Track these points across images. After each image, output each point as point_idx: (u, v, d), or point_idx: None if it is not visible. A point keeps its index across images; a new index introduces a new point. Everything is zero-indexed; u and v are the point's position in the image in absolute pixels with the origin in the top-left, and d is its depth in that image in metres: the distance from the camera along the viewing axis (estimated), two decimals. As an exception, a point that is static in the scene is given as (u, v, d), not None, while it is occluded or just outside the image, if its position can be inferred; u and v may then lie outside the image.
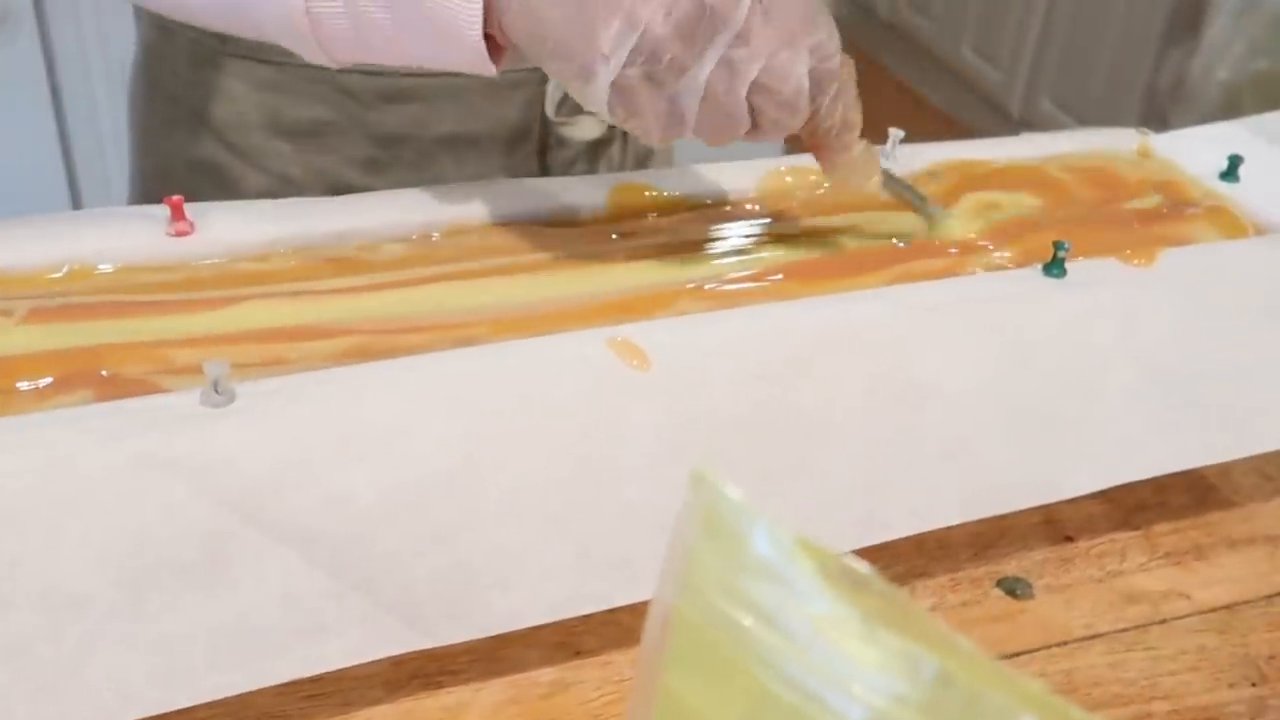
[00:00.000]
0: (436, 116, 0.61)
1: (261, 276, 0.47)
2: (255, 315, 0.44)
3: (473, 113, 0.62)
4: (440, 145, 0.62)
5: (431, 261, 0.48)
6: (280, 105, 0.60)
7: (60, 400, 0.40)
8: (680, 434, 0.44)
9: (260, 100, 0.60)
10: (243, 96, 0.60)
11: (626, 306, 0.47)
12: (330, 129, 0.61)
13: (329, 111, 0.60)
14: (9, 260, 0.46)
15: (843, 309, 0.47)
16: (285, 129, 0.61)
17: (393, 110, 0.60)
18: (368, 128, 0.61)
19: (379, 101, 0.60)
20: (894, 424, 0.47)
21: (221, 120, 0.61)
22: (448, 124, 0.61)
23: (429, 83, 0.60)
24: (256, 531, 0.38)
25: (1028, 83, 2.39)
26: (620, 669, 0.45)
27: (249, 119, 0.61)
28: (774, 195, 0.57)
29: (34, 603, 0.36)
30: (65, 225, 0.48)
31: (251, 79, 0.60)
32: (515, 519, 0.41)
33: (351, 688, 0.43)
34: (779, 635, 0.25)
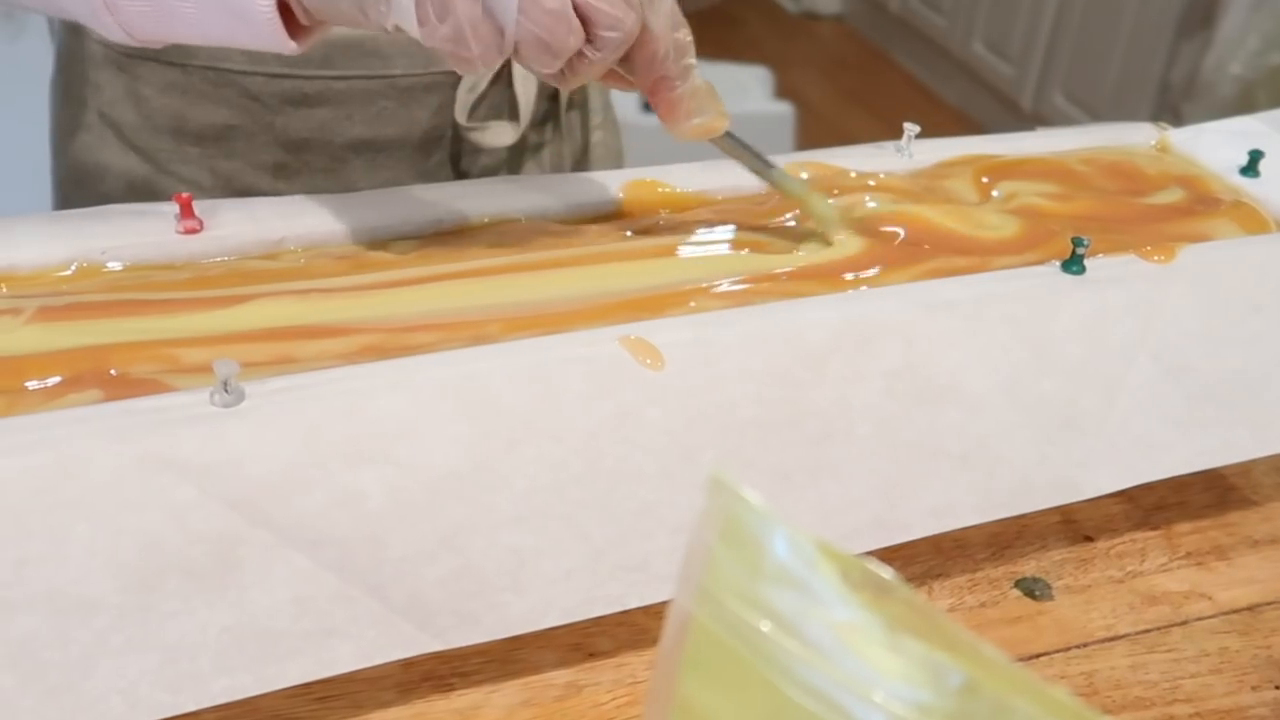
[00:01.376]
0: (346, 121, 0.60)
1: (271, 275, 0.47)
2: (264, 314, 0.44)
3: (383, 117, 0.61)
4: (351, 151, 0.61)
5: (442, 259, 0.48)
6: (185, 109, 0.59)
7: (69, 399, 0.40)
8: (694, 433, 0.43)
9: (166, 104, 0.59)
10: (149, 100, 0.59)
11: (640, 305, 0.46)
12: (236, 134, 0.60)
13: (235, 116, 0.60)
14: (16, 258, 0.46)
15: (859, 307, 0.46)
16: (192, 134, 0.60)
17: (300, 115, 0.60)
18: (275, 132, 0.60)
19: (285, 106, 0.59)
20: (911, 423, 0.46)
21: (130, 125, 0.61)
22: (357, 129, 0.60)
23: (337, 86, 0.59)
24: (266, 533, 0.38)
25: (1040, 77, 2.38)
26: (634, 671, 0.44)
27: (156, 123, 0.60)
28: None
29: (41, 605, 0.36)
30: (73, 223, 0.47)
31: (157, 82, 0.59)
32: (528, 520, 0.41)
33: (362, 690, 0.43)
34: (799, 642, 0.24)
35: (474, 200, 0.52)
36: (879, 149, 0.59)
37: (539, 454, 0.41)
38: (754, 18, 3.08)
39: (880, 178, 0.57)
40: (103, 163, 0.62)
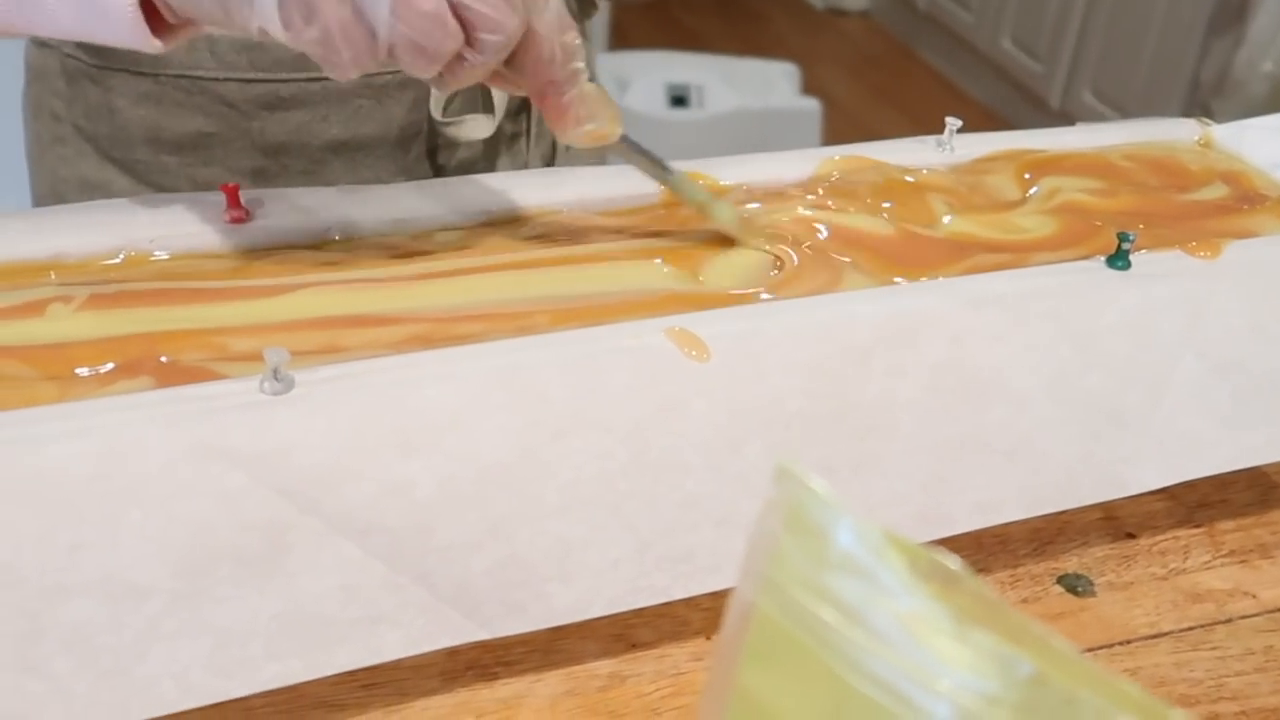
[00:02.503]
0: (322, 123, 0.59)
1: (317, 264, 0.47)
2: (312, 303, 0.44)
3: (359, 117, 0.60)
4: (329, 152, 0.61)
5: (488, 250, 0.48)
6: (160, 119, 0.59)
7: (120, 386, 0.40)
8: (739, 426, 0.43)
9: (140, 115, 0.59)
10: (122, 111, 0.59)
11: (688, 298, 0.46)
12: (214, 141, 0.59)
13: (211, 123, 0.59)
14: (66, 246, 0.46)
15: (904, 301, 0.46)
16: (168, 143, 0.59)
17: (276, 119, 0.59)
18: (252, 137, 0.59)
19: (260, 110, 0.58)
20: (956, 417, 0.46)
21: (105, 137, 0.60)
22: (334, 130, 0.60)
23: (311, 88, 0.58)
24: (315, 521, 0.38)
25: (1068, 75, 2.37)
26: (677, 662, 0.45)
27: (131, 134, 0.59)
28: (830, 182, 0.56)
29: (95, 590, 0.36)
30: (122, 211, 0.48)
31: (130, 93, 0.58)
32: (574, 510, 0.41)
33: (407, 678, 0.43)
34: (864, 632, 0.24)
35: (518, 191, 0.52)
36: (920, 143, 0.59)
37: (585, 444, 0.41)
38: (780, 14, 3.08)
39: (921, 172, 0.57)
40: (80, 175, 0.61)
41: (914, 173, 0.57)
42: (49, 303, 0.43)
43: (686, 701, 0.43)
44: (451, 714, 0.42)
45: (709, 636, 0.46)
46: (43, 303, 0.43)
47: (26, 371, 0.41)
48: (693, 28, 2.91)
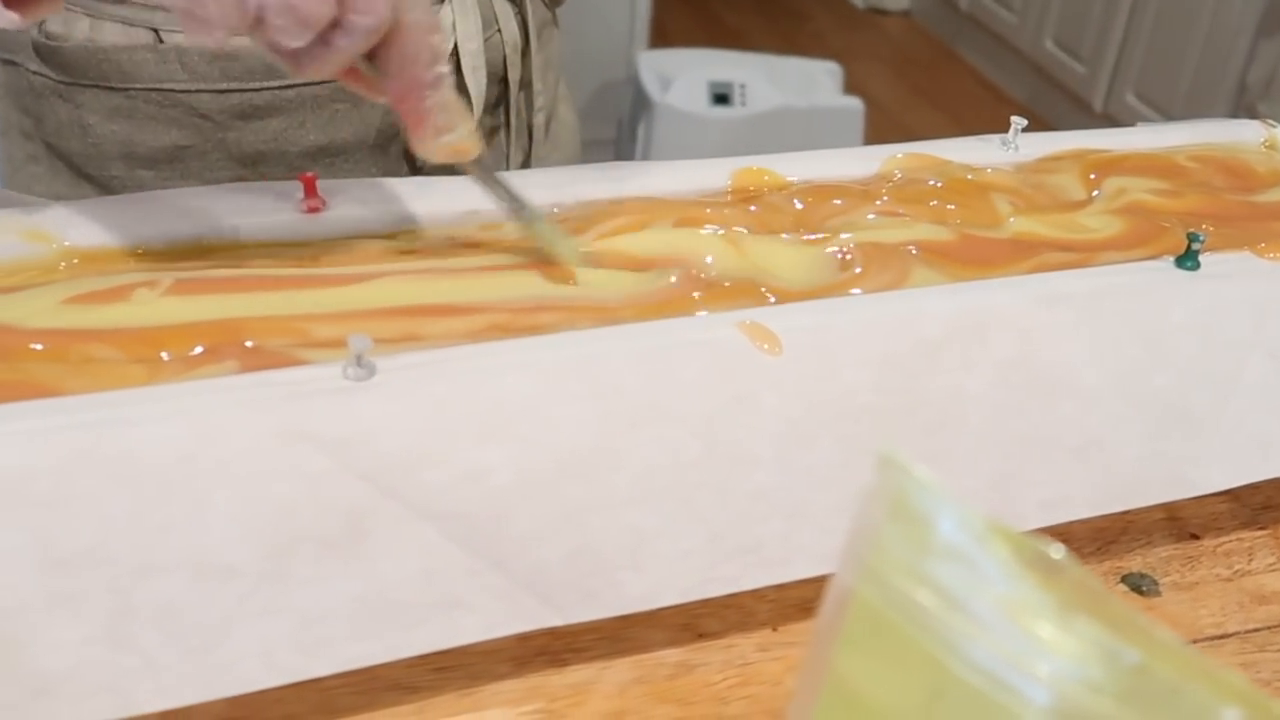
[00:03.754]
0: (299, 129, 0.59)
1: (393, 253, 0.48)
2: (391, 292, 0.45)
3: (336, 122, 0.59)
4: (308, 158, 0.60)
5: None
6: (133, 133, 0.58)
7: (206, 370, 0.41)
8: (809, 420, 0.43)
9: (113, 130, 0.58)
10: (94, 128, 0.58)
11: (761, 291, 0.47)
12: (189, 153, 0.58)
13: (185, 135, 0.58)
14: (150, 233, 0.47)
15: (974, 297, 0.46)
16: (143, 157, 0.58)
17: (251, 128, 0.58)
18: (228, 148, 0.59)
19: (234, 120, 0.58)
20: (1024, 414, 0.46)
21: (78, 154, 0.59)
22: (312, 135, 0.59)
23: (286, 95, 0.58)
24: (395, 505, 0.39)
25: (1112, 76, 2.35)
26: (743, 653, 0.45)
27: (105, 150, 0.58)
28: (893, 181, 0.57)
29: (183, 569, 0.37)
30: (201, 199, 0.48)
31: (100, 109, 0.57)
32: (647, 500, 0.41)
33: (478, 662, 0.43)
34: (964, 618, 0.24)
35: (584, 185, 0.53)
36: (984, 141, 0.59)
37: (658, 435, 0.41)
38: (820, 12, 3.07)
39: (985, 172, 0.57)
40: (56, 194, 0.60)
41: (978, 172, 0.57)
42: (135, 288, 0.44)
43: (754, 692, 0.44)
44: (523, 698, 0.43)
45: (775, 628, 0.46)
46: (129, 288, 0.44)
47: (115, 354, 0.42)
48: (733, 25, 2.91)
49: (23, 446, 0.36)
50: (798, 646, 0.45)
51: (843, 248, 0.50)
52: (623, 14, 2.09)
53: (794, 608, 0.47)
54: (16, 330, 0.42)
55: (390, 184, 0.51)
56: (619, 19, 2.09)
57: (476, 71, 0.60)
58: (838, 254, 0.50)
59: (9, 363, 0.41)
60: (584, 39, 2.05)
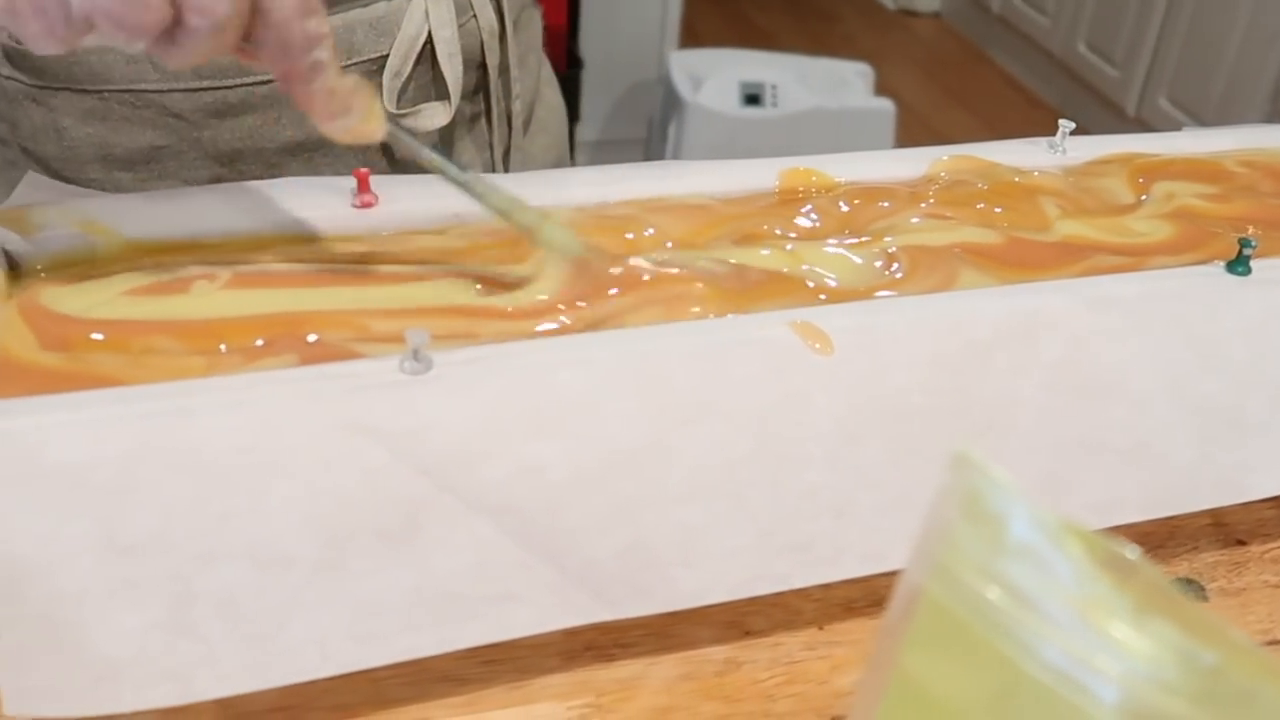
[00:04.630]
0: (275, 126, 0.58)
1: (444, 254, 0.48)
2: (447, 290, 0.45)
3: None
4: (285, 154, 0.59)
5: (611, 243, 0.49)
6: (108, 135, 0.57)
7: (266, 363, 0.41)
8: (860, 419, 0.43)
9: (88, 133, 0.57)
10: (69, 130, 0.57)
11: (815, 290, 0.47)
12: (165, 153, 0.58)
13: (160, 135, 0.57)
14: (206, 227, 0.47)
15: (1024, 300, 0.46)
16: (120, 159, 0.58)
17: (226, 125, 0.57)
18: (204, 147, 0.58)
19: (209, 119, 0.57)
20: (1074, 417, 0.46)
21: (54, 158, 0.58)
22: (288, 132, 0.58)
23: (260, 91, 0.57)
24: (450, 498, 0.39)
25: (1145, 81, 2.34)
26: (790, 651, 0.45)
27: (81, 153, 0.58)
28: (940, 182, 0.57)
29: (242, 557, 0.38)
30: (257, 194, 0.49)
31: (74, 111, 0.57)
32: (698, 497, 0.42)
33: (526, 656, 0.44)
34: (1037, 617, 0.24)
35: (632, 184, 0.53)
36: (1032, 144, 0.59)
37: (710, 433, 0.42)
38: (851, 13, 3.07)
39: (1032, 174, 0.57)
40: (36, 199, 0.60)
41: (1025, 174, 0.57)
42: (194, 280, 0.44)
43: (801, 690, 0.44)
44: (572, 692, 0.43)
45: (821, 627, 0.46)
46: (188, 280, 0.45)
47: (175, 346, 0.42)
48: (763, 26, 2.91)
49: (88, 436, 0.36)
50: (844, 646, 0.46)
51: (890, 249, 0.50)
52: (654, 14, 2.09)
53: (839, 607, 0.47)
54: (79, 321, 0.42)
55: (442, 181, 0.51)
56: (650, 19, 2.09)
57: (452, 58, 0.59)
58: (885, 256, 0.50)
59: (72, 353, 0.41)
60: (614, 38, 2.05)
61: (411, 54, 0.57)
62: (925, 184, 0.56)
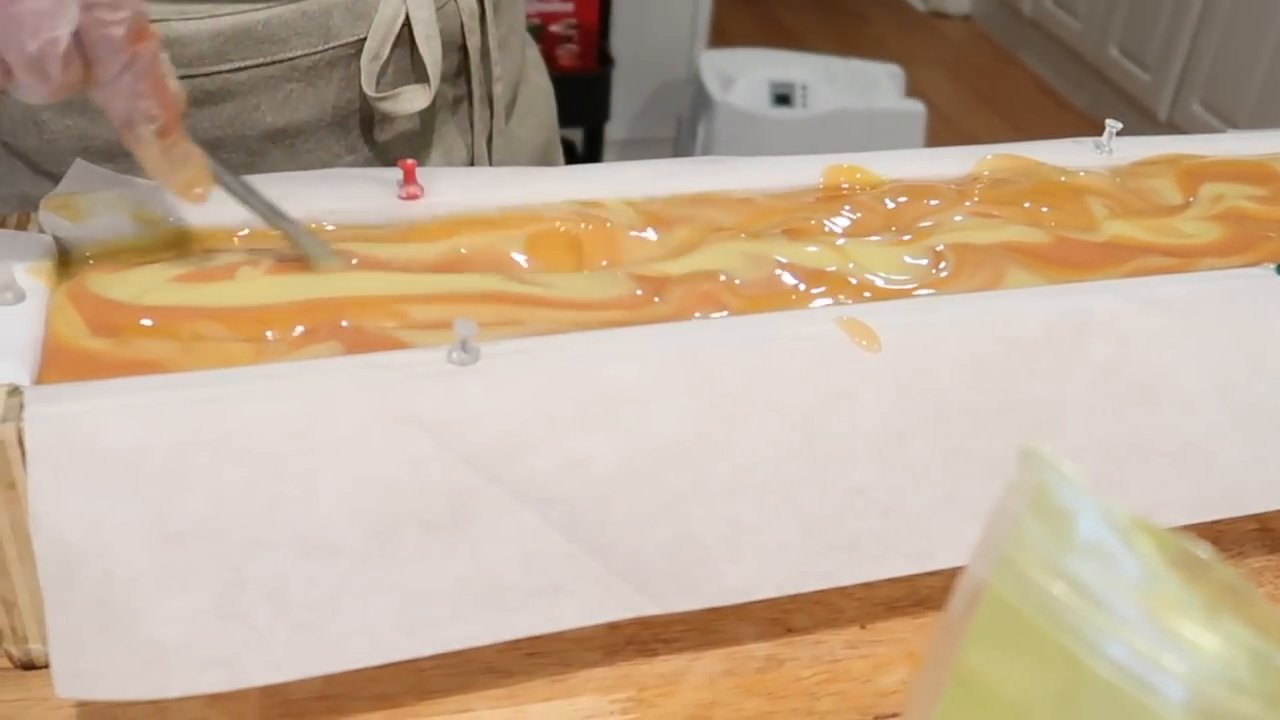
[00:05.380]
0: (254, 112, 0.57)
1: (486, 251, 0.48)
2: (490, 280, 0.45)
3: (291, 102, 0.58)
4: (267, 141, 0.59)
5: (660, 234, 0.49)
6: (88, 127, 0.56)
7: (311, 350, 0.42)
8: (907, 417, 0.43)
9: (67, 125, 0.56)
10: (49, 123, 0.56)
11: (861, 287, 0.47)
12: None
13: None
14: (252, 215, 0.47)
15: (1073, 300, 0.46)
16: (99, 151, 0.57)
17: (205, 113, 0.57)
18: None
19: (187, 107, 0.54)
20: (1122, 418, 0.46)
21: (34, 151, 0.58)
22: (269, 118, 0.58)
23: (237, 78, 0.56)
24: (498, 489, 0.39)
25: (1178, 85, 2.32)
26: (832, 649, 0.45)
27: (61, 146, 0.57)
28: (985, 181, 0.56)
29: (291, 545, 0.38)
30: (303, 184, 0.49)
31: (54, 104, 0.54)
32: (745, 492, 0.42)
33: (569, 649, 0.44)
34: (1104, 614, 0.24)
35: (677, 179, 0.53)
36: (1078, 144, 0.59)
37: (758, 428, 0.42)
38: (880, 14, 3.06)
39: (1078, 174, 0.57)
40: (20, 193, 0.59)
41: (1071, 174, 0.57)
42: (239, 266, 0.45)
43: (843, 688, 0.43)
44: (614, 685, 0.43)
45: (864, 625, 0.46)
46: (233, 266, 0.45)
47: (222, 332, 0.42)
48: (792, 26, 2.90)
49: (139, 422, 0.36)
50: (886, 645, 0.45)
51: (937, 248, 0.50)
52: (684, 13, 2.09)
53: (882, 606, 0.47)
54: (127, 307, 0.43)
55: (488, 173, 0.52)
56: (680, 18, 2.09)
57: (430, 40, 0.59)
58: (932, 254, 0.50)
59: (120, 338, 0.42)
60: (644, 37, 2.05)
61: (389, 37, 0.57)
62: (970, 182, 0.56)
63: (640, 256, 0.48)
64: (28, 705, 0.40)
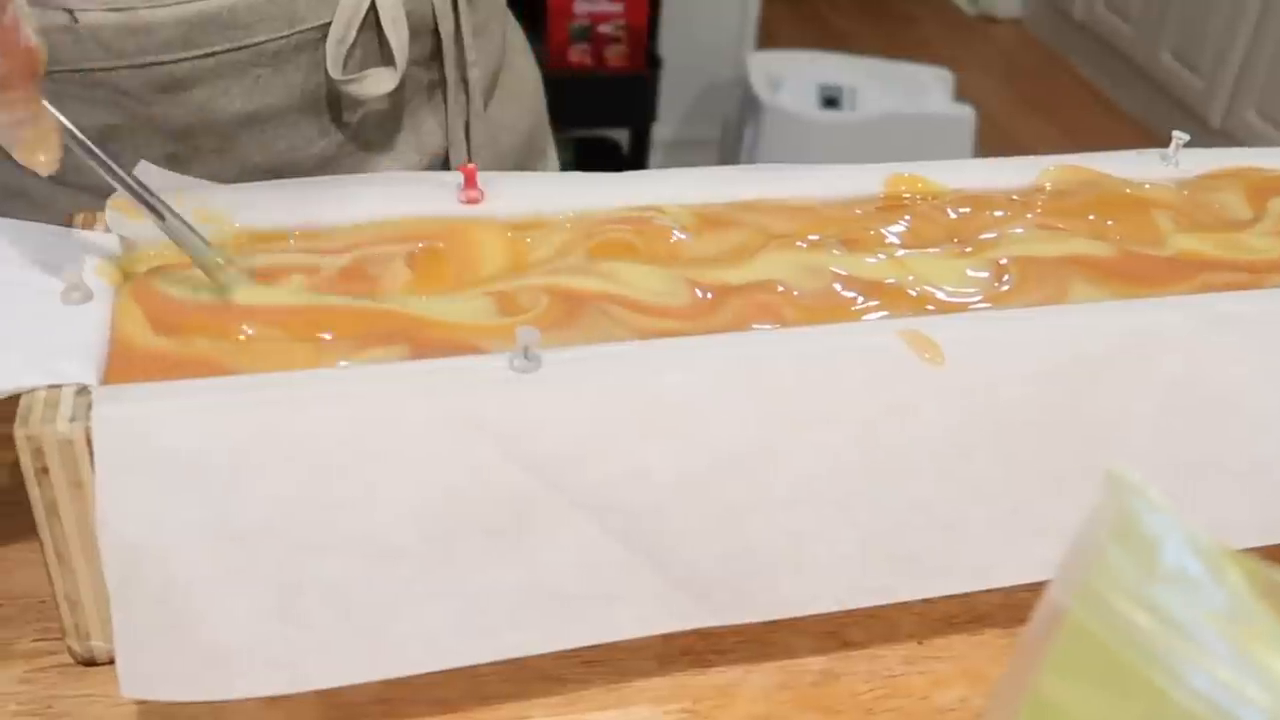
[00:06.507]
0: (223, 98, 0.57)
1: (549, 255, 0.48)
2: (557, 282, 0.45)
3: (260, 87, 0.57)
4: (238, 126, 0.58)
5: (719, 240, 0.49)
6: (64, 115, 0.53)
7: (375, 354, 0.42)
8: (969, 432, 0.43)
9: None
10: None
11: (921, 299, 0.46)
12: (119, 132, 0.57)
13: (112, 114, 0.56)
14: (314, 217, 0.48)
15: (1140, 316, 0.45)
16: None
17: (176, 100, 0.56)
18: (156, 124, 0.57)
19: (157, 95, 0.56)
20: (1189, 438, 0.45)
21: None
22: (238, 104, 0.57)
23: (205, 65, 0.56)
24: (558, 497, 0.39)
25: (1232, 92, 2.29)
26: (889, 664, 0.44)
27: None
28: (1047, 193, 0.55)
29: (351, 549, 0.38)
30: (363, 186, 0.49)
31: None
32: (805, 504, 0.41)
33: (624, 658, 0.43)
34: (1189, 644, 0.24)
35: (742, 185, 0.52)
36: (1142, 155, 0.58)
37: (818, 439, 0.41)
38: (929, 17, 3.04)
39: (1143, 187, 0.56)
40: (2, 184, 0.59)
41: (1136, 186, 0.56)
42: (300, 268, 0.45)
43: (900, 705, 0.43)
44: (669, 696, 0.43)
45: (921, 641, 0.45)
46: (293, 268, 0.45)
47: (282, 334, 0.42)
48: (839, 28, 2.89)
49: (201, 423, 0.37)
50: (944, 661, 0.45)
51: (1000, 261, 0.49)
52: (732, 15, 2.08)
53: (940, 622, 0.46)
54: (191, 307, 0.43)
55: (547, 178, 0.51)
56: (728, 20, 2.08)
57: (397, 23, 0.58)
58: (994, 267, 0.49)
59: (183, 338, 0.42)
60: (692, 38, 2.05)
61: (355, 20, 0.57)
62: (1033, 194, 0.55)
63: (697, 260, 0.48)
64: (90, 701, 0.41)
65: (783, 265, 0.48)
